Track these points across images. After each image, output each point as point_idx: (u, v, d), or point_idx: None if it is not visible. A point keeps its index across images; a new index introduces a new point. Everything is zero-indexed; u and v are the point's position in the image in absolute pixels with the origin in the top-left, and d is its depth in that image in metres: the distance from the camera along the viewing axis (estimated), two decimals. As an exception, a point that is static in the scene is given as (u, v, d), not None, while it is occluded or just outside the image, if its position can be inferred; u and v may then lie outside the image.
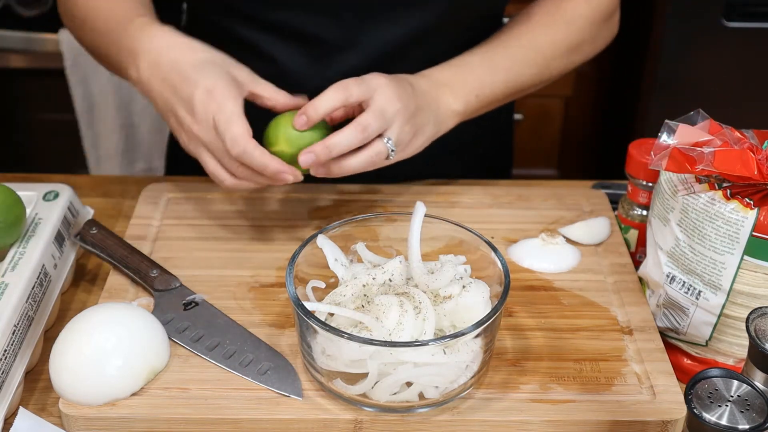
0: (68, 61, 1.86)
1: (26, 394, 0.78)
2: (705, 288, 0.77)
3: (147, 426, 0.73)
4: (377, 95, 0.85)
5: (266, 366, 0.77)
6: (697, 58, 1.85)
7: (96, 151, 2.00)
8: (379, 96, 0.85)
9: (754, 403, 0.60)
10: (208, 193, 1.01)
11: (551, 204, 1.01)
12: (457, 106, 0.94)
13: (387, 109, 0.85)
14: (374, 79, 0.86)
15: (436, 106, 0.91)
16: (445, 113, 0.92)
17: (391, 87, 0.86)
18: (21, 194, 0.87)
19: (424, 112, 0.89)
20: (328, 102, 0.84)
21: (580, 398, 0.75)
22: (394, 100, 0.85)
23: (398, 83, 0.87)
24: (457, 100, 0.94)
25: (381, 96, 0.85)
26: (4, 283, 0.79)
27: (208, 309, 0.84)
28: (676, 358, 0.82)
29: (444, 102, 0.92)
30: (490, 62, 0.97)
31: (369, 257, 0.81)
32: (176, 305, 0.84)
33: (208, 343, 0.80)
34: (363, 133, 0.83)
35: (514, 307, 0.86)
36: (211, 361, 0.78)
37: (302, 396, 0.75)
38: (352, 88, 0.84)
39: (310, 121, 0.84)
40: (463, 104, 0.94)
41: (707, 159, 0.72)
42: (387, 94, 0.85)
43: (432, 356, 0.69)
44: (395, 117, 0.85)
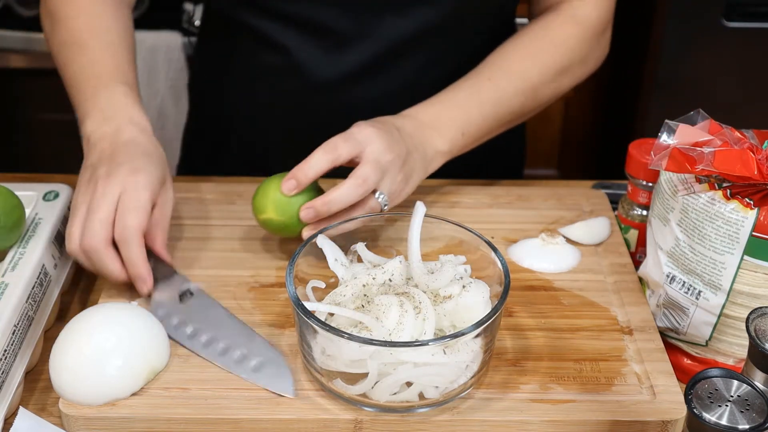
0: (68, 61, 1.86)
1: (26, 394, 0.78)
2: (705, 288, 0.77)
3: (147, 426, 0.73)
4: (369, 148, 0.85)
5: (258, 362, 0.77)
6: (697, 58, 1.85)
7: (96, 151, 2.00)
8: (371, 149, 0.85)
9: (754, 403, 0.60)
10: (208, 193, 1.01)
11: (551, 204, 1.01)
12: (444, 147, 0.93)
13: (381, 161, 0.85)
14: (362, 131, 0.86)
15: (423, 148, 0.91)
16: (432, 155, 0.92)
17: (381, 137, 0.85)
18: (21, 194, 0.87)
19: (413, 157, 0.89)
20: (317, 165, 0.84)
21: (580, 398, 0.75)
22: (386, 151, 0.85)
23: (386, 131, 0.87)
24: (444, 141, 0.93)
25: (373, 148, 0.85)
26: (4, 283, 0.79)
27: (204, 299, 0.84)
28: (676, 358, 0.82)
29: (430, 143, 0.92)
30: (476, 96, 0.96)
31: (369, 257, 0.81)
32: (172, 296, 0.84)
33: (204, 339, 0.79)
34: (362, 186, 0.83)
35: (514, 307, 0.86)
36: (206, 359, 0.78)
37: (293, 394, 0.74)
38: (341, 147, 0.84)
39: (299, 186, 0.84)
40: (449, 144, 0.94)
41: (707, 159, 0.72)
42: (378, 146, 0.85)
43: (432, 356, 0.69)
44: (389, 168, 0.85)
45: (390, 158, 0.86)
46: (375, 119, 0.90)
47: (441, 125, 0.93)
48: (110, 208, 0.80)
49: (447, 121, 0.94)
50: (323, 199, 0.83)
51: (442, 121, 0.94)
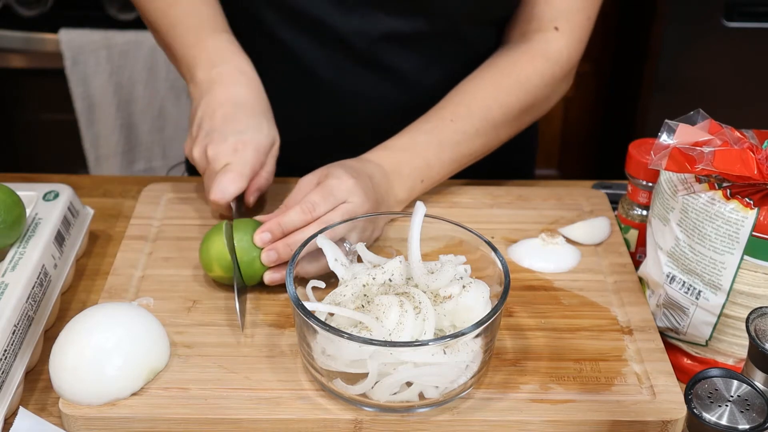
0: (68, 61, 1.86)
1: (26, 394, 0.78)
2: (705, 288, 0.77)
3: (147, 426, 0.73)
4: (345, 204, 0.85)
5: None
6: (697, 58, 1.85)
7: (96, 151, 2.00)
8: (348, 205, 0.85)
9: (754, 403, 0.60)
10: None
11: (551, 204, 1.01)
12: (403, 195, 0.93)
13: (357, 213, 0.85)
14: (341, 185, 0.85)
15: (387, 198, 0.91)
16: (393, 203, 0.93)
17: (358, 193, 0.86)
18: (21, 194, 0.87)
19: (381, 208, 0.90)
20: (292, 222, 0.84)
21: (580, 398, 0.75)
22: (362, 207, 0.86)
23: (363, 183, 0.87)
24: (403, 190, 0.93)
25: (350, 204, 0.85)
26: (4, 283, 0.79)
27: None
28: (676, 358, 0.82)
29: (393, 193, 0.92)
30: (437, 140, 0.95)
31: (369, 257, 0.81)
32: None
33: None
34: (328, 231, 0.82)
35: (514, 307, 0.86)
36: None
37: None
38: (320, 206, 0.84)
39: (274, 238, 0.83)
40: (408, 192, 0.94)
41: (707, 159, 0.72)
42: (356, 202, 0.85)
43: (432, 356, 0.69)
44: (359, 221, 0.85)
45: (365, 210, 0.86)
46: (347, 165, 0.89)
47: (403, 174, 0.93)
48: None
49: (408, 171, 0.93)
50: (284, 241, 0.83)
51: (404, 171, 0.93)
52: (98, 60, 1.86)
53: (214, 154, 0.88)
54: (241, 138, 0.89)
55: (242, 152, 0.88)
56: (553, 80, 0.99)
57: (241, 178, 0.87)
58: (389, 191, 0.92)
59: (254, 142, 0.89)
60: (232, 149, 0.88)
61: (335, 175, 0.86)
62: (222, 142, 0.89)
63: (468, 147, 0.96)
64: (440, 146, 0.95)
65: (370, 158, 0.93)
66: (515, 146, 1.10)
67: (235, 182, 0.87)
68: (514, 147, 1.10)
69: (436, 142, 0.95)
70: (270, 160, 0.92)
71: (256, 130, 0.90)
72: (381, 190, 0.90)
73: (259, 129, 0.91)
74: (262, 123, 0.91)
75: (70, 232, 0.92)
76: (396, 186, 0.93)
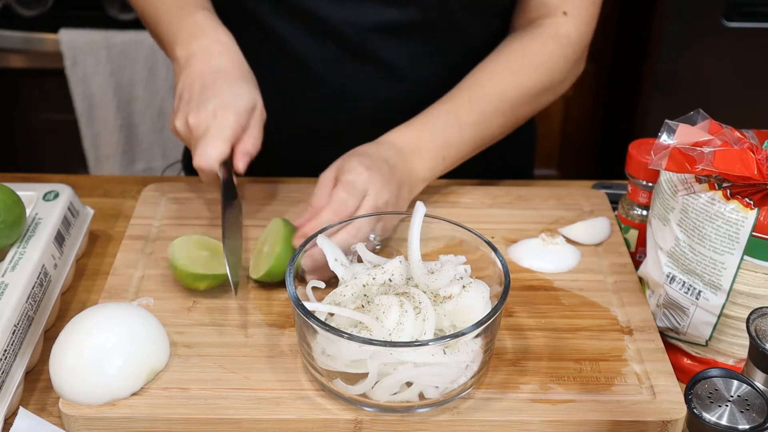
0: (68, 61, 1.86)
1: (26, 394, 0.78)
2: (705, 288, 0.77)
3: (147, 426, 0.73)
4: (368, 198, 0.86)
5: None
6: (697, 58, 1.85)
7: (96, 151, 2.00)
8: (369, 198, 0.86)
9: (754, 403, 0.60)
10: (208, 193, 1.01)
11: (551, 204, 1.01)
12: (425, 174, 0.94)
13: (379, 207, 0.86)
14: (359, 177, 0.86)
15: (409, 177, 0.92)
16: (415, 182, 0.93)
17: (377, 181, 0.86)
18: (21, 194, 0.87)
19: (403, 191, 0.90)
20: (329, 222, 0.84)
21: (580, 398, 0.75)
22: (382, 195, 0.86)
23: (380, 171, 0.87)
24: (425, 167, 0.94)
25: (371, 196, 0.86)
26: (4, 283, 0.79)
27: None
28: (676, 358, 0.82)
29: (414, 172, 0.93)
30: (456, 120, 0.95)
31: (369, 257, 0.81)
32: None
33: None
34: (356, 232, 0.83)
35: (514, 307, 0.86)
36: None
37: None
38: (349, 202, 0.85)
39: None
40: (431, 171, 0.94)
41: (707, 159, 0.72)
42: (376, 191, 0.86)
43: (432, 356, 0.69)
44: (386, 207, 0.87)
45: (386, 198, 0.87)
46: (361, 153, 0.90)
47: (422, 150, 0.93)
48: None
49: (427, 148, 0.94)
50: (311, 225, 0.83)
51: (423, 148, 0.94)
52: (98, 60, 1.86)
53: (195, 121, 0.88)
54: (219, 102, 0.88)
55: (221, 116, 0.87)
56: (566, 63, 1.01)
57: (221, 141, 0.86)
58: (411, 172, 0.92)
59: (234, 106, 0.88)
60: (211, 114, 0.88)
61: (349, 169, 0.87)
62: (202, 109, 0.88)
63: (487, 127, 0.97)
64: (459, 126, 0.96)
65: (387, 139, 0.94)
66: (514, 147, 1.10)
67: (216, 146, 0.86)
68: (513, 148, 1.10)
69: (455, 121, 0.95)
70: (254, 123, 0.91)
71: (236, 94, 0.90)
72: (402, 173, 0.91)
73: (238, 93, 0.90)
74: (241, 87, 0.91)
75: (70, 232, 0.92)
76: (417, 165, 0.93)
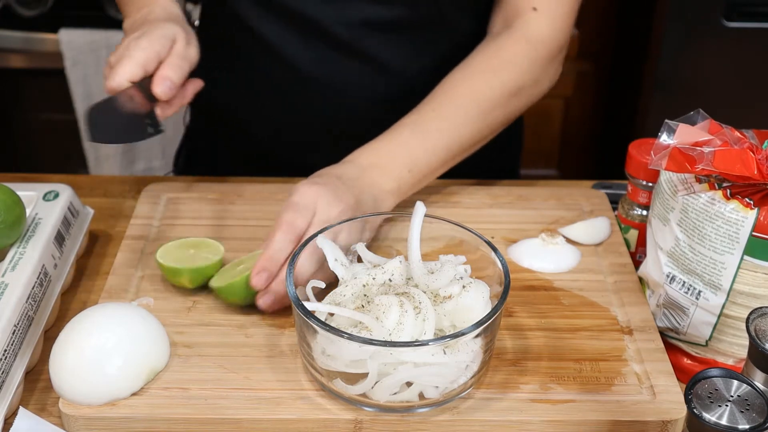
0: (68, 61, 1.86)
1: (26, 394, 0.78)
2: (705, 288, 0.77)
3: (147, 426, 0.73)
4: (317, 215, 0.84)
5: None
6: (697, 58, 1.85)
7: (96, 151, 2.00)
8: (318, 215, 0.84)
9: (754, 403, 0.60)
10: (208, 193, 1.02)
11: (551, 204, 1.01)
12: (390, 186, 0.91)
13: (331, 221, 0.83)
14: (304, 195, 0.84)
15: (371, 190, 0.89)
16: (379, 194, 0.90)
17: (324, 195, 0.84)
18: (21, 194, 0.87)
19: (364, 201, 0.88)
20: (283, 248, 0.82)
21: (580, 398, 0.75)
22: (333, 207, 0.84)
23: (328, 187, 0.85)
24: (389, 180, 0.91)
25: (320, 212, 0.84)
26: (4, 283, 0.79)
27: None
28: (676, 358, 0.82)
29: (377, 184, 0.90)
30: (421, 130, 0.93)
31: (369, 257, 0.81)
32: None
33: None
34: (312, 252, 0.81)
35: (514, 307, 0.86)
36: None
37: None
38: (299, 222, 0.83)
39: (272, 276, 0.81)
40: (396, 182, 0.92)
41: (707, 159, 0.72)
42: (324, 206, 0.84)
43: (432, 356, 0.69)
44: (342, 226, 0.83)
45: (339, 209, 0.84)
46: (314, 175, 0.89)
47: (383, 165, 0.91)
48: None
49: (389, 161, 0.92)
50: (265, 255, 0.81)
51: (384, 161, 0.92)
52: (98, 60, 1.86)
53: (113, 58, 0.88)
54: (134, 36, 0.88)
55: (133, 44, 0.87)
56: (537, 61, 0.98)
57: (130, 61, 0.85)
58: (372, 184, 0.90)
59: (148, 35, 0.88)
60: (124, 47, 0.88)
61: (295, 190, 0.85)
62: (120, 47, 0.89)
63: (456, 133, 0.95)
64: (424, 134, 0.93)
65: (348, 159, 0.92)
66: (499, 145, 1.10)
67: (124, 66, 0.85)
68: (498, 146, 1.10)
69: (419, 131, 0.93)
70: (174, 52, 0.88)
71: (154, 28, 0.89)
72: (360, 185, 0.88)
73: (157, 27, 0.89)
74: (162, 24, 0.90)
75: (70, 232, 0.92)
76: (379, 177, 0.91)
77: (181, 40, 0.89)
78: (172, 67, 0.87)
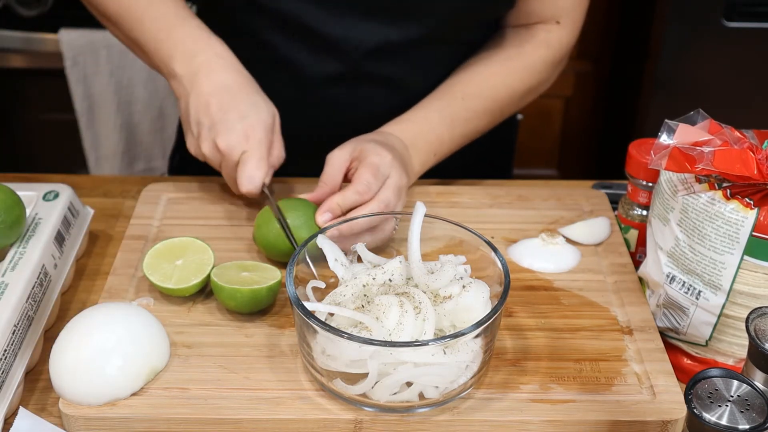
0: (68, 61, 1.86)
1: (26, 394, 0.78)
2: (705, 288, 0.77)
3: (147, 426, 0.73)
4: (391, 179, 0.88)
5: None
6: (697, 58, 1.85)
7: (96, 151, 2.00)
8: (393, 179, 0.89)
9: (754, 403, 0.60)
10: (208, 193, 1.01)
11: (551, 204, 1.01)
12: (418, 167, 0.97)
13: (401, 187, 0.89)
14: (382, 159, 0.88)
15: (407, 169, 0.94)
16: (411, 174, 0.95)
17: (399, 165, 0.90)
18: (21, 194, 0.87)
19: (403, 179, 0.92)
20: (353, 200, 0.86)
21: (580, 398, 0.75)
22: (403, 177, 0.90)
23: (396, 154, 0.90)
24: (419, 161, 0.96)
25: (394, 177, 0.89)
26: (4, 283, 0.79)
27: None
28: (676, 358, 0.82)
29: (411, 164, 0.95)
30: (449, 117, 0.98)
31: (369, 257, 0.81)
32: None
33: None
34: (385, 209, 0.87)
35: (514, 307, 0.86)
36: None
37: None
38: (372, 184, 0.87)
39: (333, 216, 0.86)
40: (422, 165, 0.97)
41: (707, 158, 0.72)
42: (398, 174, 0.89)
43: (432, 356, 0.69)
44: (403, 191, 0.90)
45: (405, 183, 0.90)
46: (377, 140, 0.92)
47: (419, 147, 0.96)
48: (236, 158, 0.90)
49: (423, 142, 0.97)
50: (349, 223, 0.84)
51: (420, 144, 0.96)
52: (98, 60, 1.86)
53: (227, 145, 0.89)
54: (247, 122, 0.89)
55: (253, 136, 0.89)
56: (553, 65, 1.05)
57: (263, 161, 0.89)
58: (408, 163, 0.94)
59: (261, 123, 0.90)
60: (243, 136, 0.89)
61: (373, 151, 0.89)
62: (230, 132, 0.89)
63: (476, 124, 1.01)
64: (452, 123, 0.98)
65: (389, 131, 0.96)
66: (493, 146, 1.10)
67: (260, 168, 0.88)
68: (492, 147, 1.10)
69: (449, 118, 0.98)
70: (277, 136, 0.93)
71: (257, 109, 0.91)
72: (404, 162, 0.93)
73: (258, 108, 0.91)
74: (259, 102, 0.92)
75: (70, 232, 0.92)
76: (414, 158, 0.96)
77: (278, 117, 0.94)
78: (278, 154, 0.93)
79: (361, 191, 0.86)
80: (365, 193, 0.86)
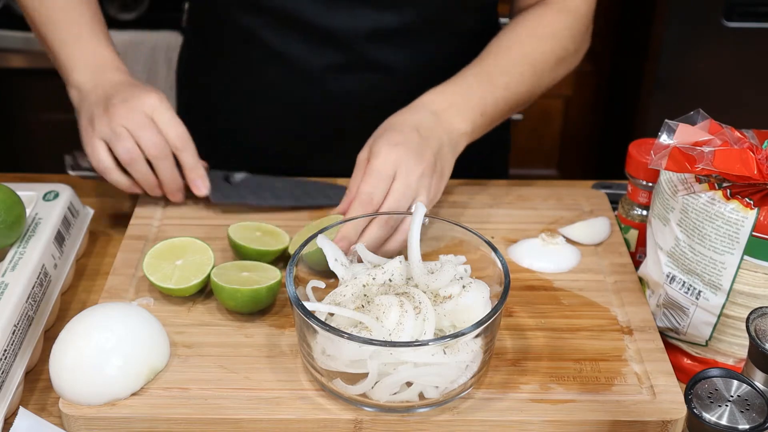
0: (68, 61, 1.86)
1: (26, 394, 0.78)
2: (705, 288, 0.77)
3: (147, 426, 0.73)
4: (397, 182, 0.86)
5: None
6: (697, 58, 1.85)
7: (96, 151, 2.00)
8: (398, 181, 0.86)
9: (754, 403, 0.60)
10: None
11: (551, 204, 1.01)
12: (466, 127, 0.94)
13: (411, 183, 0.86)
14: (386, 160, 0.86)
15: (448, 137, 0.91)
16: (456, 137, 0.93)
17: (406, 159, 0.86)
18: (21, 194, 0.87)
19: (443, 152, 0.90)
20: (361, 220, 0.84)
21: (580, 398, 0.75)
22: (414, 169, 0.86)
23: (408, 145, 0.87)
24: (465, 121, 0.94)
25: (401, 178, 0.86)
26: (4, 283, 0.79)
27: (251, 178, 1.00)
28: (676, 358, 0.82)
29: (454, 128, 0.92)
30: (487, 80, 0.96)
31: (369, 257, 0.81)
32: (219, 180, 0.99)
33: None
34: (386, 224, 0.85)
35: (514, 307, 0.86)
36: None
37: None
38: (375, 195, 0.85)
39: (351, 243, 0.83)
40: (471, 124, 0.94)
41: (707, 158, 0.72)
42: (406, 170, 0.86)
43: (432, 356, 0.69)
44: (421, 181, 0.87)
45: (420, 172, 0.87)
46: (390, 127, 0.90)
47: (459, 105, 0.94)
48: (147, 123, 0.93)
49: (463, 102, 0.94)
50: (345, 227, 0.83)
51: (459, 102, 0.94)
52: (98, 60, 1.86)
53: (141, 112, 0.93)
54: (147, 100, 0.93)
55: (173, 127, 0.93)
56: (578, 33, 1.03)
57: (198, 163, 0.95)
58: (449, 129, 0.92)
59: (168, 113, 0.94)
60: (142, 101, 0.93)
61: (376, 152, 0.87)
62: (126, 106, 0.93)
63: (515, 90, 0.98)
64: (491, 85, 0.96)
65: (421, 102, 0.94)
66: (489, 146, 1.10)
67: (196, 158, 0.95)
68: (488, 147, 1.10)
69: (486, 81, 0.96)
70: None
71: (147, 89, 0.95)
72: (437, 133, 0.90)
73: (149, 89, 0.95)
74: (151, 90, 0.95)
75: (70, 232, 0.92)
76: (455, 118, 0.93)
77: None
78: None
79: (364, 203, 0.85)
80: (368, 204, 0.85)
